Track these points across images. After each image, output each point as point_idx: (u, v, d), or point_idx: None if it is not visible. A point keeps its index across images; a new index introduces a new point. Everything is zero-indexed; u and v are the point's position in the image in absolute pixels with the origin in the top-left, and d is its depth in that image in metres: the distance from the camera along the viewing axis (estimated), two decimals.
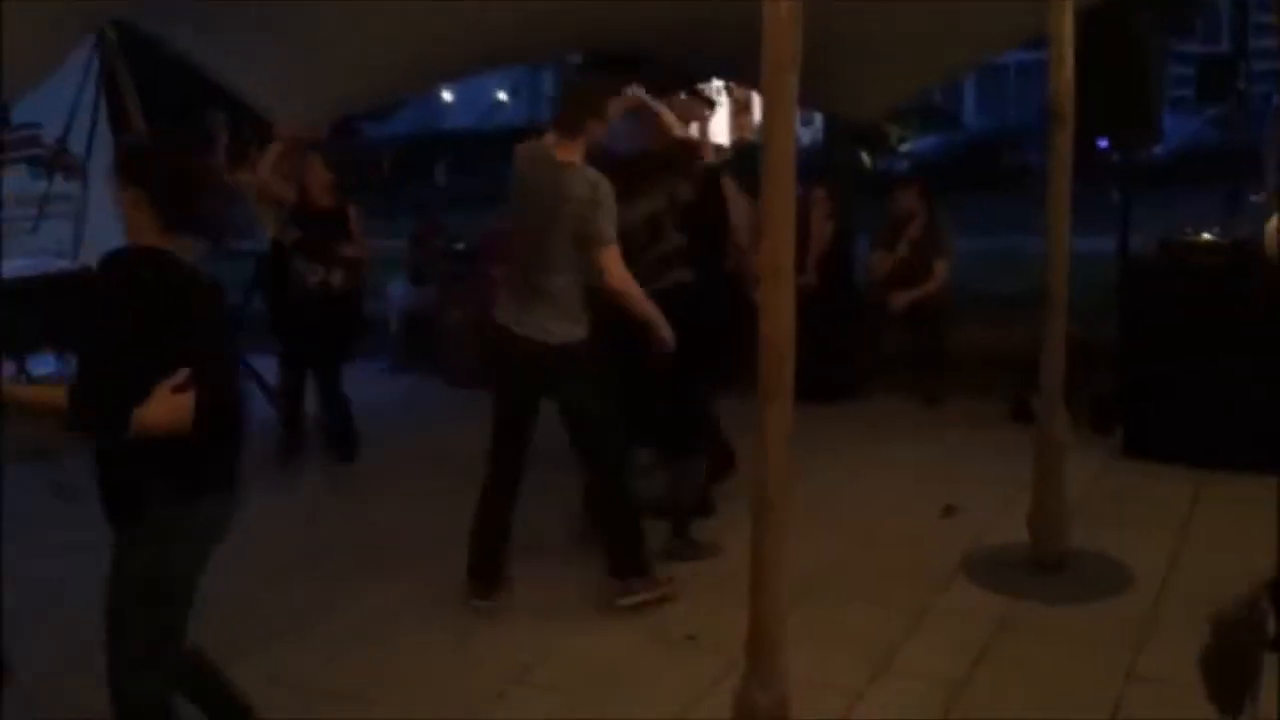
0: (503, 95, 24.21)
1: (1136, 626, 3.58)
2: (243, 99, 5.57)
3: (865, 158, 17.49)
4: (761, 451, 2.29)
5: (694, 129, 4.99)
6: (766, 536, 2.28)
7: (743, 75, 7.24)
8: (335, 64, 5.30)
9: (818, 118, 11.35)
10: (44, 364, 5.92)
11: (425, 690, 3.39)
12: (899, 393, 6.54)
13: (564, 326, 3.80)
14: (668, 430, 4.28)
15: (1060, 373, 3.98)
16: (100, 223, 7.43)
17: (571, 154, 3.79)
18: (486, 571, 3.93)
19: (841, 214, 7.22)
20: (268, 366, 5.98)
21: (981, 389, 6.27)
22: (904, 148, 19.52)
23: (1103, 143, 5.59)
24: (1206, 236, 5.34)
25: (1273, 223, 4.19)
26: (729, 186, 4.81)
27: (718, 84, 12.42)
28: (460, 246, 7.73)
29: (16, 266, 6.19)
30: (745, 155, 5.41)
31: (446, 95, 24.33)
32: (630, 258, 3.81)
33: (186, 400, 2.27)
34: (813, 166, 8.08)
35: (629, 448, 4.06)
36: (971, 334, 6.66)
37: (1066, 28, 3.86)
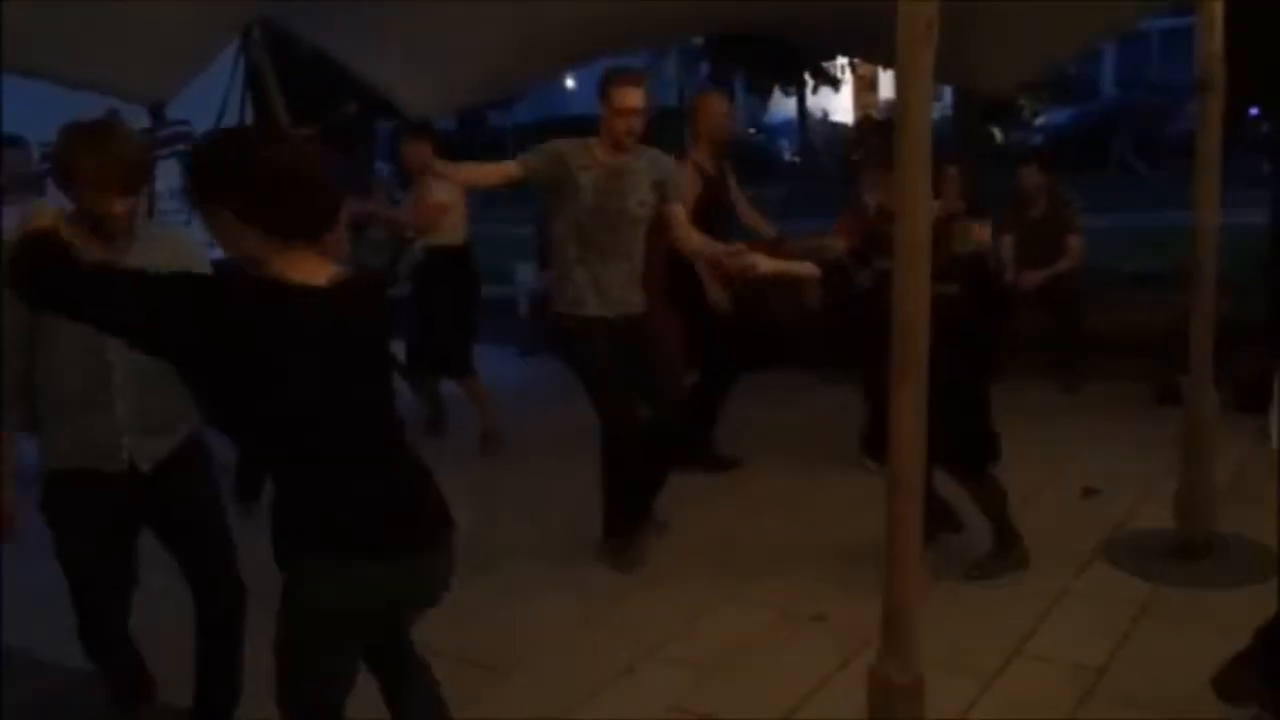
0: None
1: None
2: (377, 91, 5.75)
3: (997, 133, 16.99)
4: (896, 430, 2.27)
5: None
6: (901, 515, 2.26)
7: (869, 52, 7.13)
8: (464, 53, 5.42)
9: (946, 93, 11.11)
10: None
11: (556, 661, 3.48)
12: (1034, 375, 6.35)
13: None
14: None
15: (1209, 351, 3.83)
16: None
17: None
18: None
19: (972, 191, 7.04)
20: None
21: (1120, 372, 6.05)
22: (1038, 121, 18.87)
23: (1254, 111, 5.33)
24: None
25: None
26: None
27: (841, 62, 12.33)
28: None
29: None
30: (871, 132, 5.39)
31: (569, 82, 24.55)
32: None
33: None
34: (943, 143, 7.91)
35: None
36: (1109, 315, 6.42)
37: None
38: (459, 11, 4.98)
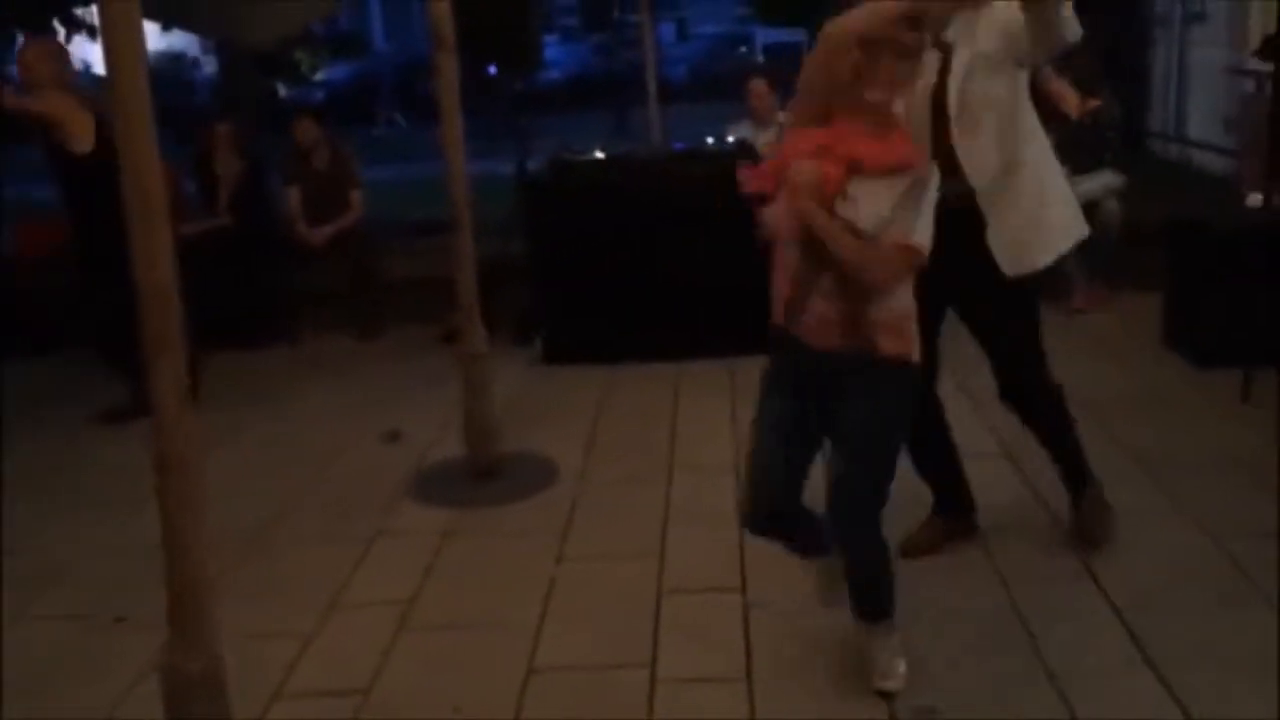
0: None
1: (562, 514, 3.92)
2: None
3: (281, 88, 16.85)
4: (158, 407, 2.12)
5: None
6: (174, 500, 2.13)
7: None
8: None
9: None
10: None
11: None
12: (334, 330, 6.47)
13: None
14: None
15: (473, 291, 4.17)
16: None
17: None
18: None
19: (251, 148, 6.90)
20: None
21: (414, 317, 6.39)
22: (318, 77, 19.03)
23: (492, 69, 5.89)
24: (599, 155, 5.89)
25: None
26: None
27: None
28: None
29: None
30: None
31: None
32: None
33: None
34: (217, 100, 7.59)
35: None
36: (401, 263, 6.74)
37: None
38: None
